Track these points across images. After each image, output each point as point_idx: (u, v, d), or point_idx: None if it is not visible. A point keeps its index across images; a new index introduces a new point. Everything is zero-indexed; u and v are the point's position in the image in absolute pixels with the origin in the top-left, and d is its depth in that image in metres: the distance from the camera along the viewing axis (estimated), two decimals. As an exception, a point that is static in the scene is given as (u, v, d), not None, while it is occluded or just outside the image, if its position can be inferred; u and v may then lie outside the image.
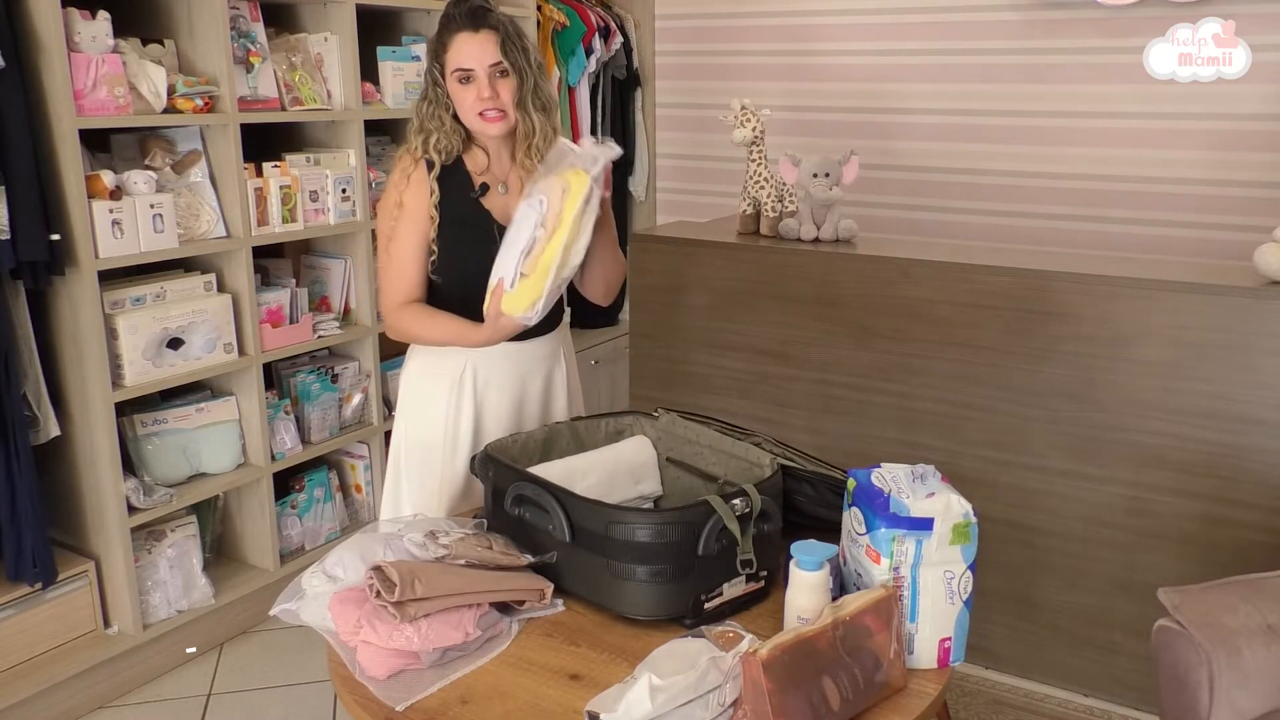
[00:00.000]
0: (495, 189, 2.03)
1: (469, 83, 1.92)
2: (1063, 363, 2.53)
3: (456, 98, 1.94)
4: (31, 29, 2.35)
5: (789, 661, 1.27)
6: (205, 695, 2.73)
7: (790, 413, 2.94)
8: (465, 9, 1.92)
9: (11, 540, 2.48)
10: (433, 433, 2.06)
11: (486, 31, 1.91)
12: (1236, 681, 1.67)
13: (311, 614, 1.55)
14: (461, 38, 1.91)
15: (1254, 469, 2.36)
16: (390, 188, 2.01)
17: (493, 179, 2.03)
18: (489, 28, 1.92)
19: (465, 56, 1.91)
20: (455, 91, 1.94)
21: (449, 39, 1.93)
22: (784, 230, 2.94)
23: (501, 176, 2.05)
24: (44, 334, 2.56)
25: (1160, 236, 3.47)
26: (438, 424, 2.06)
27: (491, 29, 1.92)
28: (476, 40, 1.91)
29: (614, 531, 1.52)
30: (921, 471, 1.49)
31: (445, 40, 1.93)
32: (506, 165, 2.05)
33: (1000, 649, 2.74)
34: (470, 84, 1.92)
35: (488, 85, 1.91)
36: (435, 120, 1.97)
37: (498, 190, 2.03)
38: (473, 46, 1.91)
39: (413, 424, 2.09)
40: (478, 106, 1.93)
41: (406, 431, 2.11)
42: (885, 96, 3.86)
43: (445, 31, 1.94)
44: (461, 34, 1.91)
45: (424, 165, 1.98)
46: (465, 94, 1.93)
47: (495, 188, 2.03)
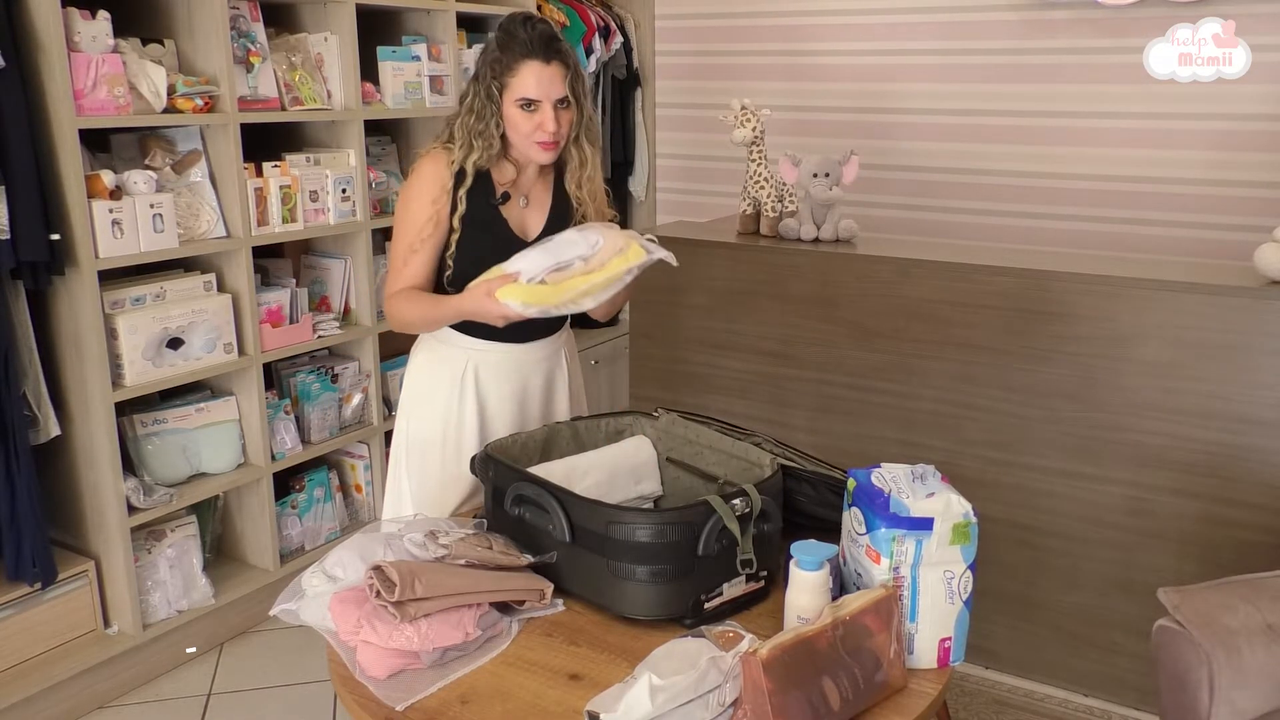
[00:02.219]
0: (516, 202, 2.01)
1: (531, 111, 1.89)
2: (1063, 363, 2.53)
3: (513, 121, 1.91)
4: (31, 29, 2.35)
5: (789, 661, 1.27)
6: (205, 695, 2.73)
7: (790, 413, 2.94)
8: (536, 35, 1.88)
9: (11, 540, 2.48)
10: (435, 430, 2.07)
11: (557, 64, 1.88)
12: (1236, 681, 1.67)
13: (311, 614, 1.55)
14: (532, 66, 1.87)
15: (1254, 469, 2.36)
16: (416, 184, 1.96)
17: (515, 191, 2.01)
18: (559, 60, 1.88)
19: (533, 87, 1.87)
20: (513, 115, 1.90)
21: (517, 64, 1.88)
22: (784, 230, 2.94)
23: (525, 189, 2.03)
24: (44, 334, 2.56)
25: (1160, 236, 3.47)
26: (440, 421, 2.06)
27: (561, 62, 1.88)
28: (547, 73, 1.87)
29: (614, 531, 1.52)
30: (921, 471, 1.49)
31: (512, 64, 1.88)
32: (532, 179, 2.03)
33: (1000, 649, 2.74)
34: (532, 112, 1.89)
35: (553, 119, 1.89)
36: (483, 138, 1.92)
37: (518, 203, 2.01)
38: (543, 78, 1.87)
39: (414, 421, 2.09)
40: (537, 136, 1.90)
41: (408, 429, 2.10)
42: (885, 96, 3.86)
43: (512, 54, 1.88)
44: (532, 62, 1.87)
45: (452, 176, 1.94)
46: (524, 121, 1.90)
47: (517, 202, 2.01)
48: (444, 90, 3.36)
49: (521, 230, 2.01)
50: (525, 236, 2.01)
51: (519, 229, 2.01)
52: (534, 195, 2.04)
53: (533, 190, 2.04)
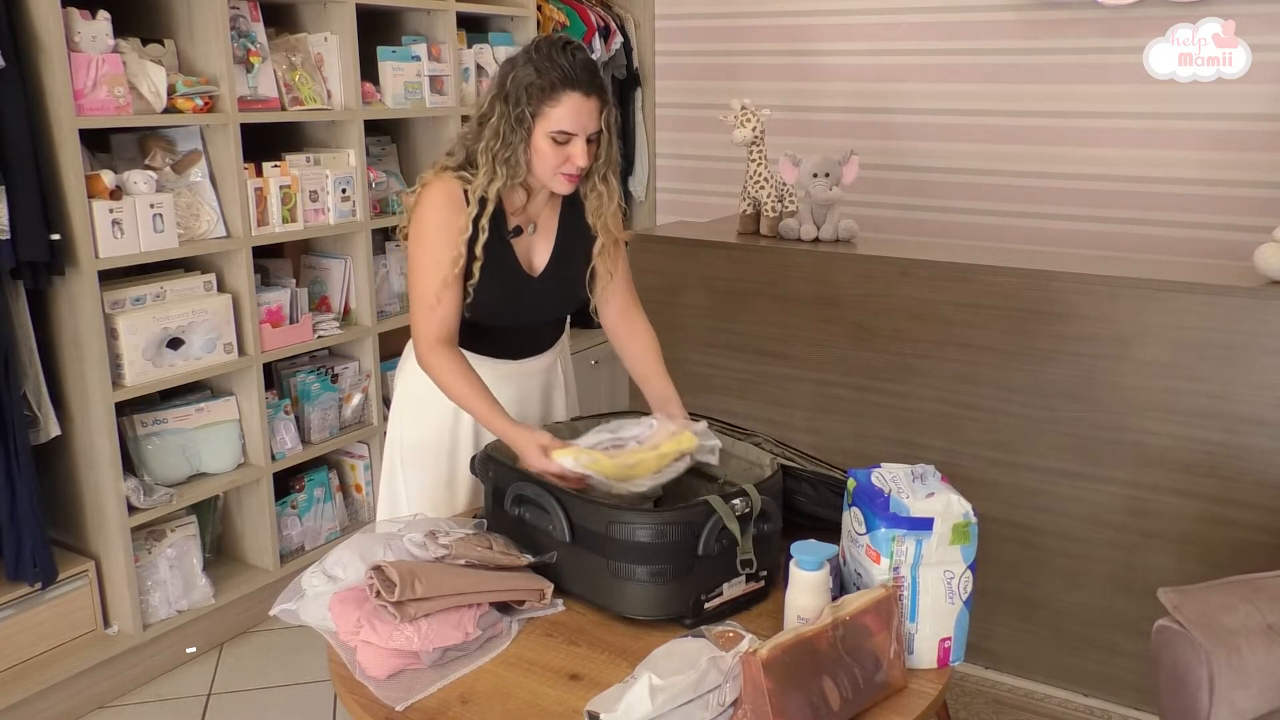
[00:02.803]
0: (525, 230, 1.94)
1: (564, 143, 1.78)
2: (1063, 363, 2.53)
3: (541, 150, 1.79)
4: (31, 29, 2.35)
5: (789, 661, 1.27)
6: (205, 695, 2.73)
7: (790, 413, 2.94)
8: (580, 64, 1.76)
9: (11, 540, 2.48)
10: (431, 436, 2.04)
11: (597, 98, 1.78)
12: (1236, 681, 1.67)
13: (311, 614, 1.55)
14: (574, 99, 1.75)
15: (1254, 469, 2.36)
16: (435, 215, 1.83)
17: (525, 219, 1.93)
18: (599, 93, 1.78)
19: (571, 120, 1.76)
20: (542, 145, 1.78)
21: (558, 94, 1.75)
22: (784, 230, 2.94)
23: (534, 216, 1.94)
24: (44, 334, 2.56)
25: (1160, 236, 3.47)
26: (434, 428, 2.03)
27: (600, 95, 1.79)
28: (587, 105, 1.77)
29: (614, 531, 1.52)
30: (921, 471, 1.49)
31: (553, 93, 1.75)
32: (541, 204, 1.94)
33: (1000, 649, 2.74)
34: (564, 144, 1.78)
35: (584, 153, 1.79)
36: (508, 166, 1.80)
37: (527, 231, 1.94)
38: (582, 112, 1.76)
39: (410, 427, 2.06)
40: (564, 168, 1.81)
41: (403, 435, 2.07)
42: (885, 96, 3.86)
43: (552, 83, 1.75)
44: (574, 94, 1.75)
45: (475, 204, 1.83)
46: (554, 152, 1.79)
47: (526, 230, 1.93)
48: (444, 90, 3.36)
49: (528, 262, 1.94)
50: (532, 270, 1.95)
51: (525, 260, 1.94)
52: (542, 221, 1.96)
53: (541, 216, 1.95)
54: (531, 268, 1.95)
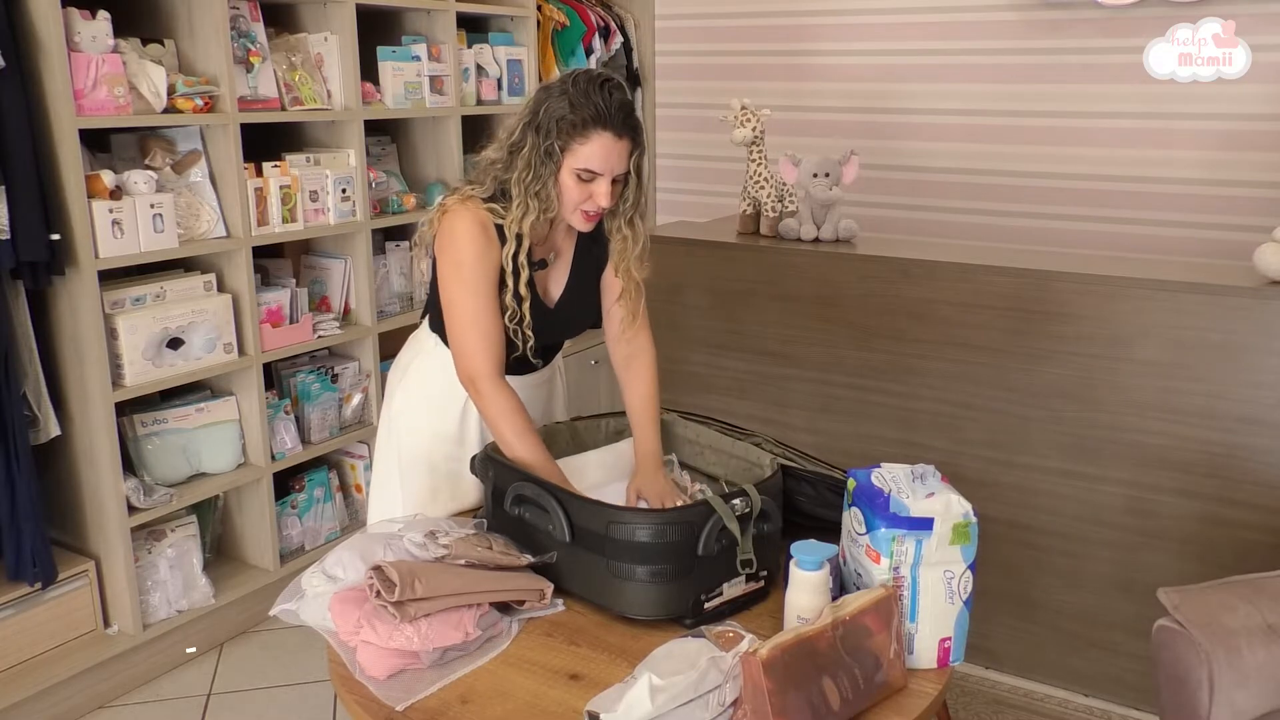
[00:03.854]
0: (547, 259, 1.92)
1: (588, 181, 1.74)
2: (1063, 363, 2.53)
3: (566, 185, 1.75)
4: (31, 29, 2.35)
5: (789, 661, 1.27)
6: (205, 695, 2.73)
7: (790, 413, 2.94)
8: (615, 103, 1.71)
9: (11, 540, 2.48)
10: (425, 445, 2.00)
11: (628, 140, 1.73)
12: (1236, 681, 1.67)
13: (311, 614, 1.55)
14: (604, 139, 1.71)
15: (1254, 469, 2.36)
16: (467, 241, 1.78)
17: (545, 249, 1.90)
18: (631, 135, 1.74)
19: (599, 160, 1.72)
20: (568, 180, 1.75)
21: (589, 131, 1.70)
22: (784, 230, 2.94)
23: (554, 246, 1.92)
24: (44, 334, 2.56)
25: (1160, 236, 3.47)
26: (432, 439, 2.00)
27: (632, 137, 1.74)
28: (618, 147, 1.72)
29: (614, 531, 1.52)
30: (921, 471, 1.49)
31: (584, 131, 1.70)
32: (561, 234, 1.91)
33: (1000, 649, 2.74)
34: (588, 182, 1.74)
35: (607, 194, 1.75)
36: (539, 199, 1.76)
37: (548, 259, 1.92)
38: (612, 153, 1.72)
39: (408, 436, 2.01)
40: (586, 205, 1.77)
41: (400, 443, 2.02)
42: (885, 96, 3.86)
43: (584, 119, 1.70)
44: (605, 134, 1.70)
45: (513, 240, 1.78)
46: (577, 189, 1.75)
47: (547, 257, 1.91)
48: (444, 90, 3.36)
49: (545, 289, 1.92)
50: (549, 297, 1.92)
51: (543, 290, 1.92)
52: (563, 250, 1.93)
53: (560, 245, 1.93)
54: (548, 298, 1.93)
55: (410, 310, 3.43)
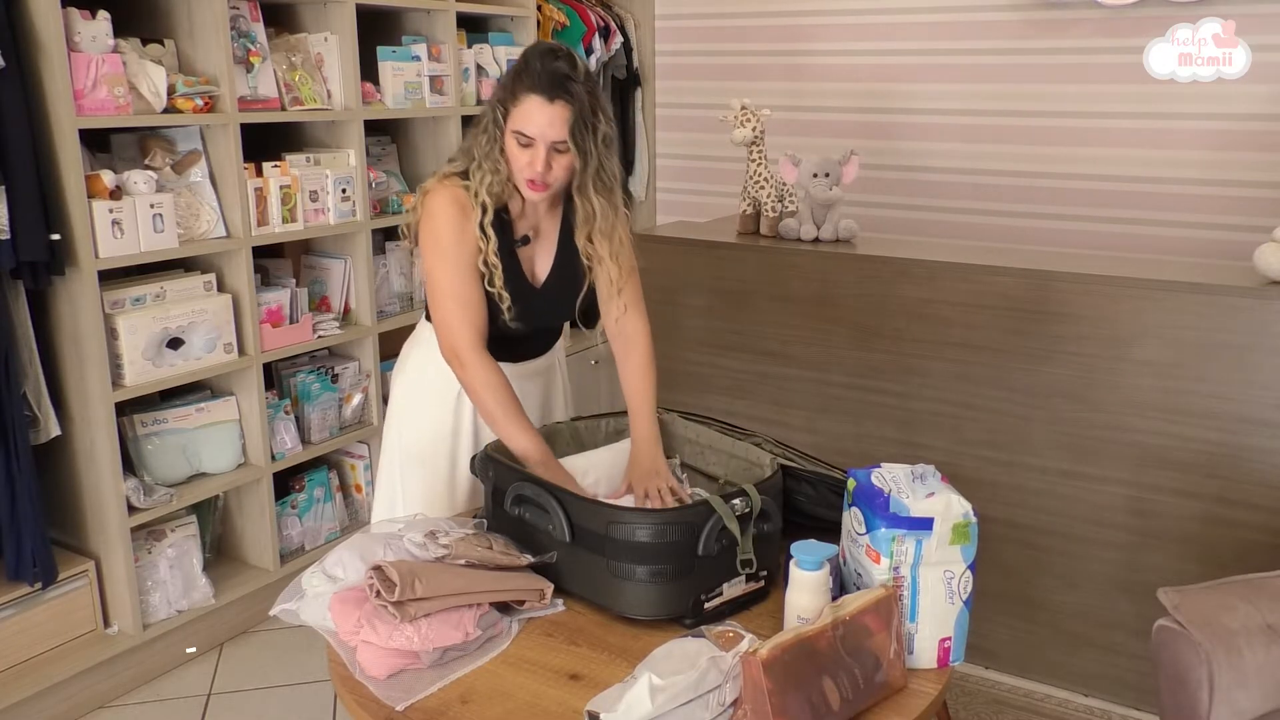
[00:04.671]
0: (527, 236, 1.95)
1: (526, 147, 1.78)
2: (1063, 363, 2.53)
3: (510, 152, 1.81)
4: (31, 29, 2.35)
5: (789, 661, 1.27)
6: (205, 695, 2.73)
7: (790, 413, 2.94)
8: (546, 70, 1.75)
9: (11, 540, 2.48)
10: (427, 440, 2.03)
11: (561, 105, 1.75)
12: (1236, 681, 1.67)
13: (311, 614, 1.55)
14: (533, 102, 1.75)
15: (1254, 469, 2.36)
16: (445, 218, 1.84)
17: (526, 224, 1.94)
18: (565, 101, 1.75)
19: (530, 123, 1.76)
20: (510, 146, 1.80)
21: (521, 94, 1.76)
22: (784, 230, 2.94)
23: (534, 223, 1.95)
24: (44, 334, 2.56)
25: (1160, 236, 3.47)
26: (432, 431, 2.03)
27: (566, 103, 1.75)
28: (547, 111, 1.75)
29: (614, 531, 1.52)
30: (921, 471, 1.49)
31: (516, 93, 1.77)
32: (541, 212, 1.94)
33: (1000, 649, 2.74)
34: (527, 149, 1.78)
35: (543, 160, 1.77)
36: (490, 163, 1.82)
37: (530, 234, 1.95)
38: (541, 117, 1.75)
39: (408, 431, 2.06)
40: (527, 173, 1.80)
41: (401, 439, 2.06)
42: (885, 96, 3.86)
43: (519, 83, 1.77)
44: (534, 97, 1.74)
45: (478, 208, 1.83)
46: (519, 155, 1.79)
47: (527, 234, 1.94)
48: (444, 90, 3.36)
49: (531, 269, 1.95)
50: (535, 277, 1.95)
51: (529, 269, 1.94)
52: (543, 230, 1.96)
53: (543, 222, 1.96)
54: (534, 277, 1.95)
55: (410, 310, 3.43)
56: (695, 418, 1.96)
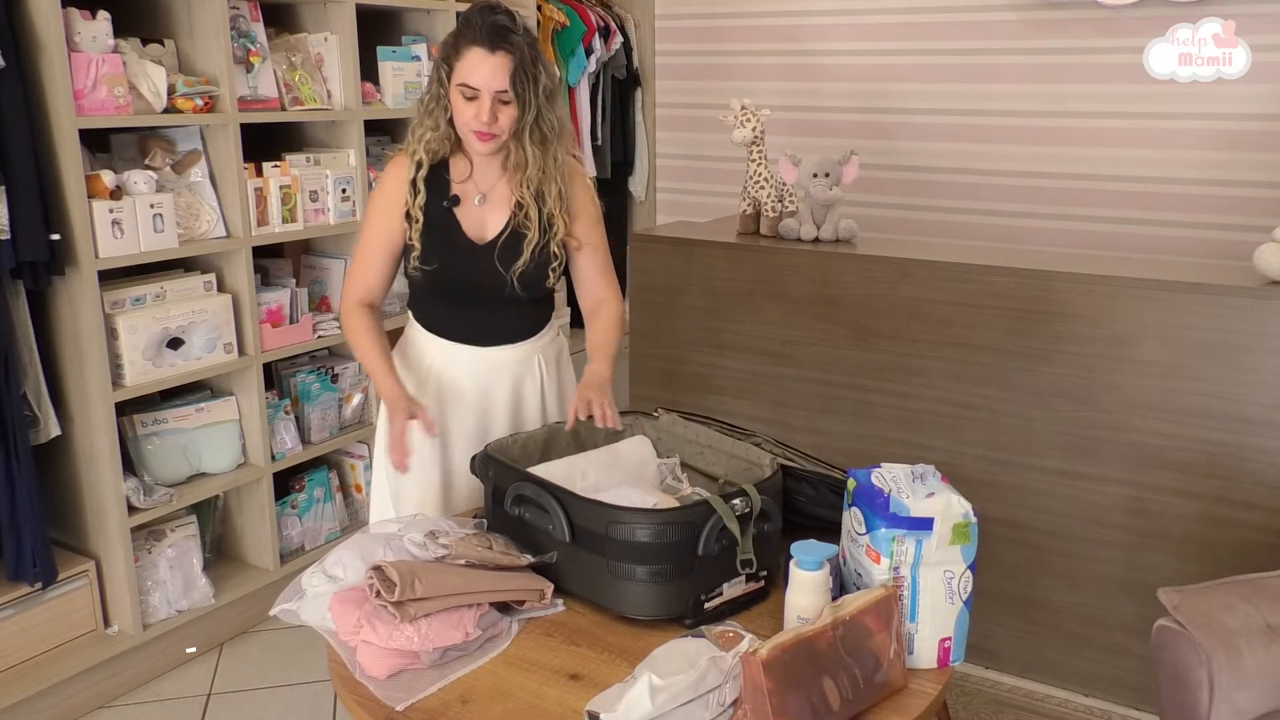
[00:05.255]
0: (471, 200, 1.99)
1: (471, 100, 1.86)
2: (1063, 363, 2.53)
3: (455, 106, 1.89)
4: (31, 29, 2.35)
5: (789, 661, 1.27)
6: (205, 695, 2.73)
7: (790, 413, 2.94)
8: (487, 24, 1.84)
9: (11, 540, 2.48)
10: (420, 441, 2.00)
11: (502, 55, 1.84)
12: (1236, 681, 1.67)
13: (311, 614, 1.55)
14: (475, 54, 1.84)
15: (1254, 469, 2.36)
16: (379, 189, 2.01)
17: (473, 188, 1.99)
18: (506, 51, 1.84)
19: (473, 75, 1.85)
20: (456, 101, 1.88)
21: (464, 49, 1.85)
22: (784, 230, 2.94)
23: (484, 188, 2.00)
24: (44, 334, 2.56)
25: (1160, 236, 3.47)
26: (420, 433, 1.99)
27: (508, 54, 1.84)
28: (489, 62, 1.84)
29: (614, 531, 1.52)
30: (921, 471, 1.49)
31: (460, 48, 1.86)
32: (493, 178, 2.00)
33: (1000, 649, 2.74)
34: (472, 101, 1.86)
35: (488, 109, 1.86)
36: (432, 119, 1.94)
37: (473, 201, 1.99)
38: (484, 67, 1.84)
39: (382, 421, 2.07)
40: (473, 125, 1.88)
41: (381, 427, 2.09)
42: (885, 96, 3.86)
43: (461, 39, 1.87)
44: (476, 50, 1.84)
45: (413, 165, 1.95)
46: (465, 108, 1.87)
47: (472, 199, 1.99)
48: (444, 90, 3.36)
49: (479, 232, 1.99)
50: (481, 238, 1.99)
51: (476, 231, 1.99)
52: (494, 194, 2.00)
53: (493, 189, 2.00)
54: (481, 238, 1.99)
55: (410, 310, 3.42)
56: (695, 418, 1.96)
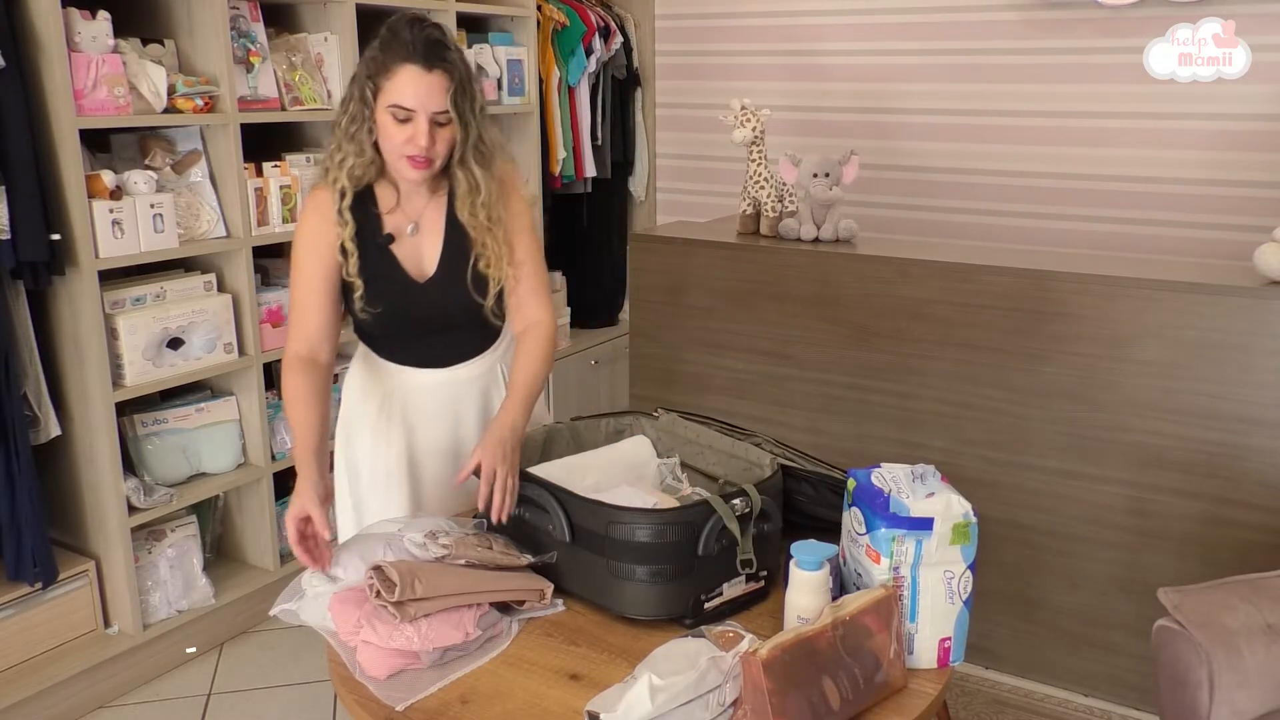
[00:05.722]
0: (404, 231, 1.83)
1: (404, 122, 1.69)
2: (1063, 363, 2.53)
3: (384, 129, 1.71)
4: (31, 29, 2.35)
5: (789, 661, 1.27)
6: (205, 695, 2.73)
7: (790, 413, 2.94)
8: (420, 38, 1.67)
9: (11, 540, 2.48)
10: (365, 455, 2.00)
11: (439, 73, 1.67)
12: (1236, 681, 1.67)
13: (311, 614, 1.55)
14: (409, 72, 1.67)
15: (1254, 469, 2.36)
16: (302, 227, 1.81)
17: (403, 217, 1.83)
18: (443, 69, 1.68)
19: (408, 95, 1.67)
20: (385, 123, 1.71)
21: (394, 66, 1.67)
22: (784, 230, 2.94)
23: (414, 215, 1.84)
24: (44, 334, 2.56)
25: (1160, 236, 3.47)
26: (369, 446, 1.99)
27: (445, 72, 1.68)
28: (425, 81, 1.67)
29: (614, 531, 1.52)
30: (921, 471, 1.49)
31: (389, 65, 1.68)
32: (421, 203, 1.84)
33: (1000, 649, 2.74)
34: (404, 123, 1.69)
35: (426, 133, 1.69)
36: (354, 144, 1.74)
37: (405, 231, 1.83)
38: (419, 87, 1.67)
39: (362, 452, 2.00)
40: (407, 149, 1.71)
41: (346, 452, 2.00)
42: (885, 96, 3.86)
43: (391, 55, 1.68)
44: (410, 67, 1.66)
45: (336, 194, 1.77)
46: (396, 131, 1.70)
47: (404, 230, 1.83)
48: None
49: (417, 267, 1.84)
50: (422, 273, 1.84)
51: (414, 265, 1.84)
52: (425, 221, 1.84)
53: (424, 215, 1.84)
54: (421, 273, 1.85)
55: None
56: (695, 418, 1.96)
